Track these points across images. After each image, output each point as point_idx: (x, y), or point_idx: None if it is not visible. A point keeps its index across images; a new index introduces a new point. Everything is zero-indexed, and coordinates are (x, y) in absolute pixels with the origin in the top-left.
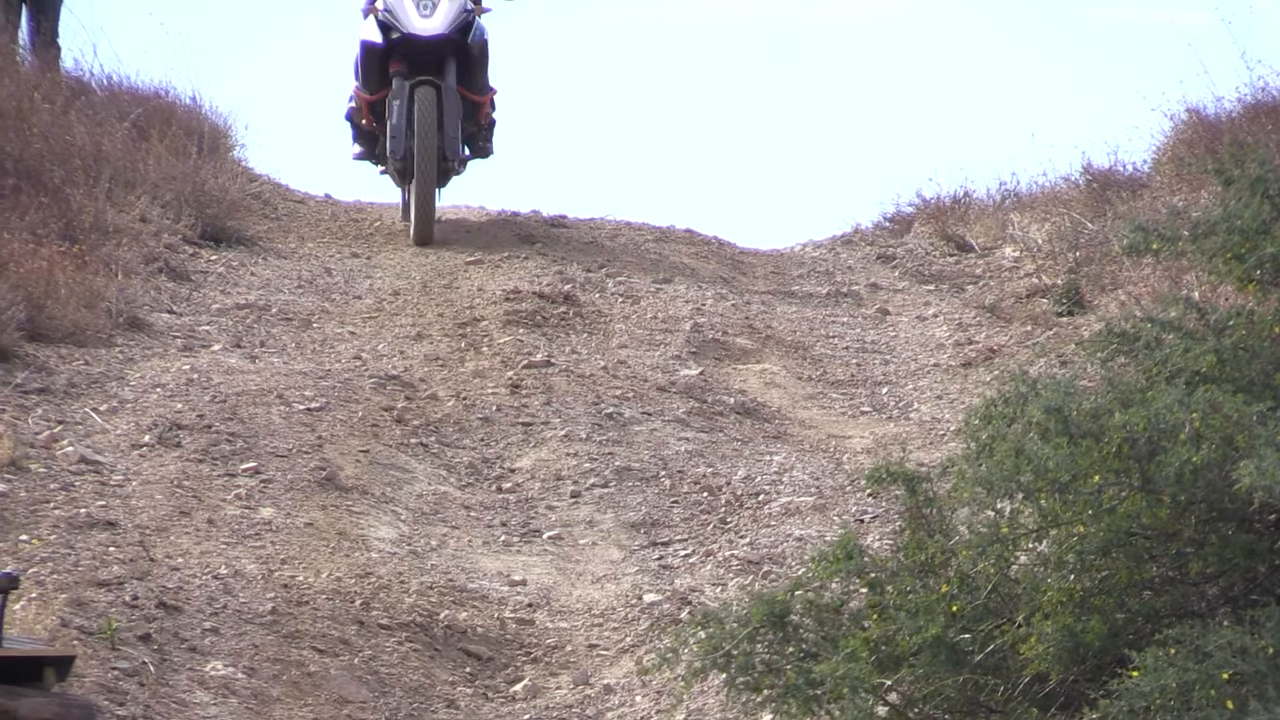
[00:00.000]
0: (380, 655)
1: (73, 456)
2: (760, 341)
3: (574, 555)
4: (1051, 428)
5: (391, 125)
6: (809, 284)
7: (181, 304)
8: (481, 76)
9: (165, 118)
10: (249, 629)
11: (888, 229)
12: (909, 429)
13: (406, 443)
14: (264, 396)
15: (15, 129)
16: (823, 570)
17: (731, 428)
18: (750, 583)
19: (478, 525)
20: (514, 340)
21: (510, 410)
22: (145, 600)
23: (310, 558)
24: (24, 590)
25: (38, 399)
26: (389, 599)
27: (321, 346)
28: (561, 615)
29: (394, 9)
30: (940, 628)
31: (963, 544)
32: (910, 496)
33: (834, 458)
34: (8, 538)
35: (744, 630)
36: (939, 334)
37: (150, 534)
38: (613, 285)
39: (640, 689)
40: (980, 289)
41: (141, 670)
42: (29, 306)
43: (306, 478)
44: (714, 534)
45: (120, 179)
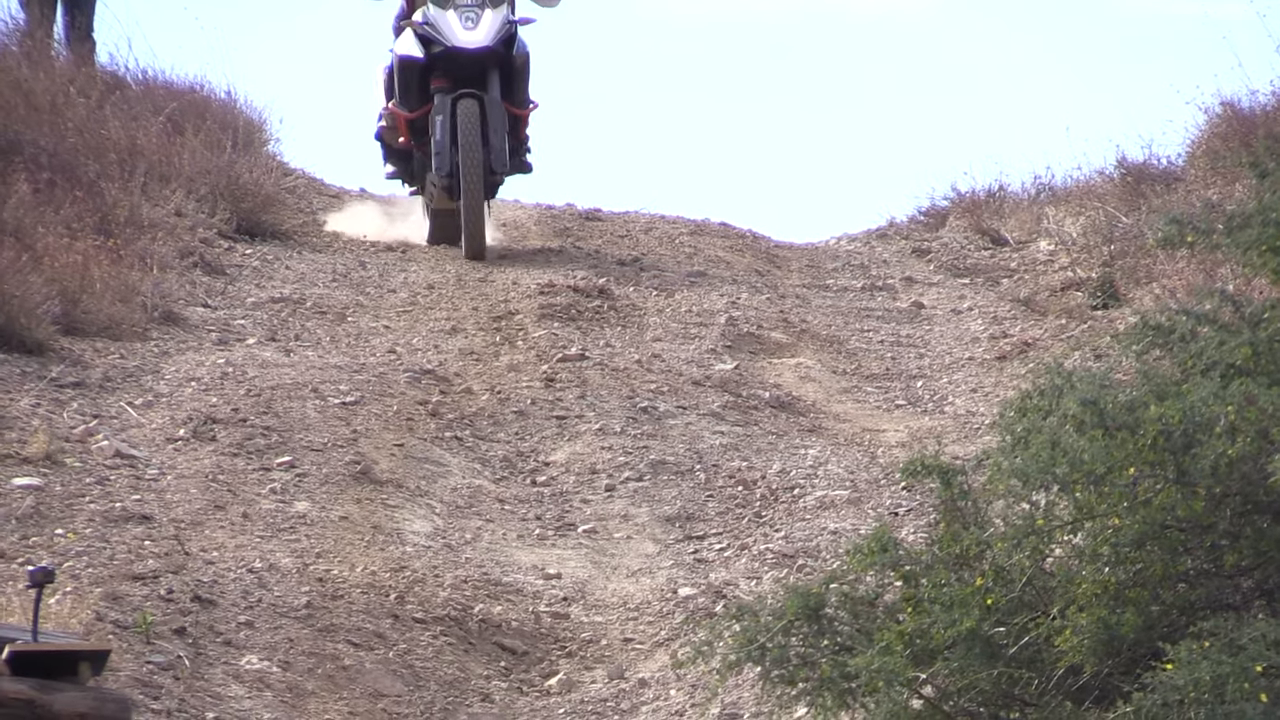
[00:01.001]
0: (415, 649)
1: (108, 450)
2: (795, 335)
3: (609, 549)
4: (1087, 420)
5: (435, 141)
6: (844, 278)
7: (216, 298)
8: (523, 90)
9: (200, 112)
10: (284, 622)
11: (923, 222)
12: (944, 422)
13: (441, 436)
14: (299, 390)
15: (50, 123)
16: (857, 563)
17: (766, 421)
18: (785, 576)
19: (512, 519)
20: (549, 334)
21: (545, 404)
22: (180, 594)
23: (345, 551)
24: (59, 584)
25: (73, 393)
26: (424, 593)
27: (356, 340)
28: (596, 609)
29: (436, 22)
30: (975, 621)
31: (997, 536)
32: (945, 489)
33: (869, 451)
34: (43, 532)
35: (779, 623)
36: (974, 327)
37: (185, 528)
38: (647, 279)
39: (675, 683)
40: (1015, 282)
41: (176, 664)
42: (64, 301)
43: (341, 471)
44: (749, 528)
45: (155, 173)
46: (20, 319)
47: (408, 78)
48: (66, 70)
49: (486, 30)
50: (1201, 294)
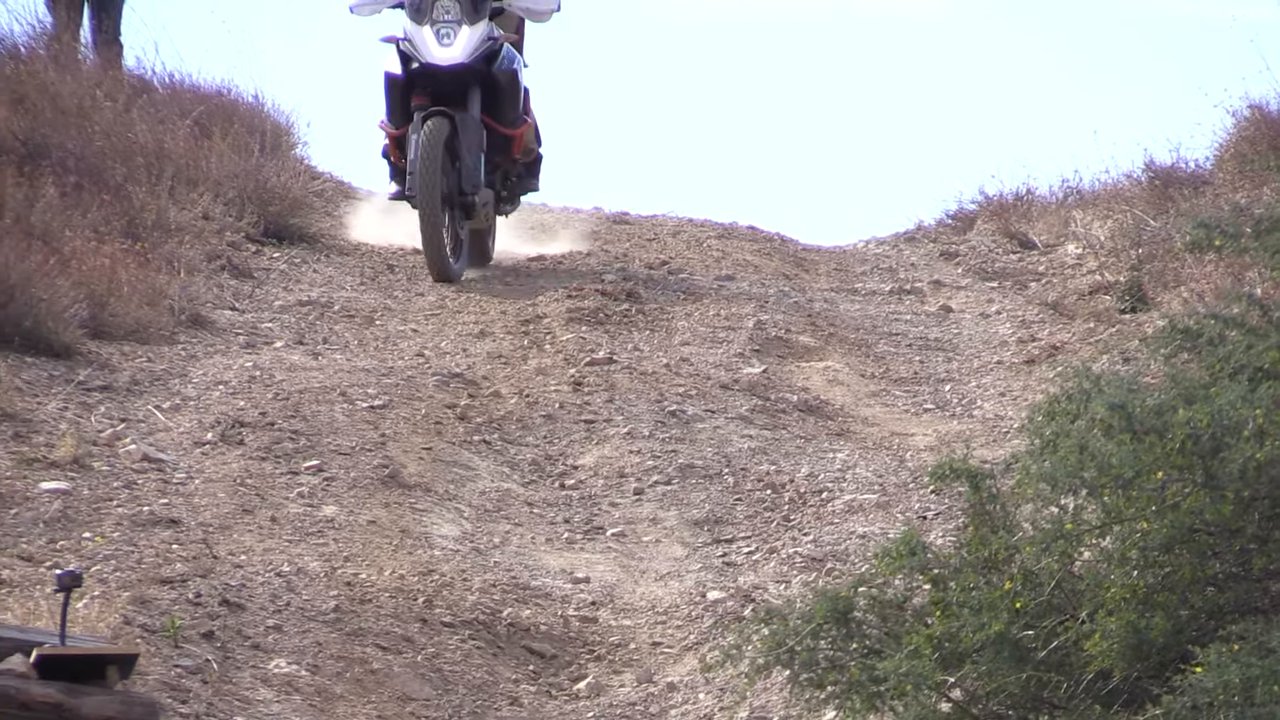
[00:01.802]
0: (443, 653)
1: (135, 454)
2: (823, 339)
3: (637, 552)
4: (1115, 424)
5: (409, 160)
6: (872, 281)
7: (244, 301)
8: (512, 108)
9: (227, 116)
10: (312, 626)
11: (951, 226)
12: (972, 426)
13: (469, 440)
14: (327, 394)
15: (78, 127)
16: (886, 567)
17: (795, 425)
18: (814, 579)
19: (541, 522)
20: (576, 337)
21: (573, 407)
22: (208, 598)
23: (373, 555)
24: (87, 588)
25: (100, 397)
26: (452, 596)
27: (384, 344)
28: (625, 613)
29: (413, 38)
30: (1003, 624)
31: (1026, 540)
32: (974, 493)
33: (897, 455)
34: (71, 535)
35: (807, 627)
36: (1002, 331)
37: (213, 531)
38: (675, 282)
39: (704, 686)
40: (1043, 286)
41: (204, 668)
42: (92, 304)
43: (369, 475)
44: (777, 531)
45: (182, 177)
46: (48, 322)
47: (392, 95)
48: (93, 74)
49: (463, 47)
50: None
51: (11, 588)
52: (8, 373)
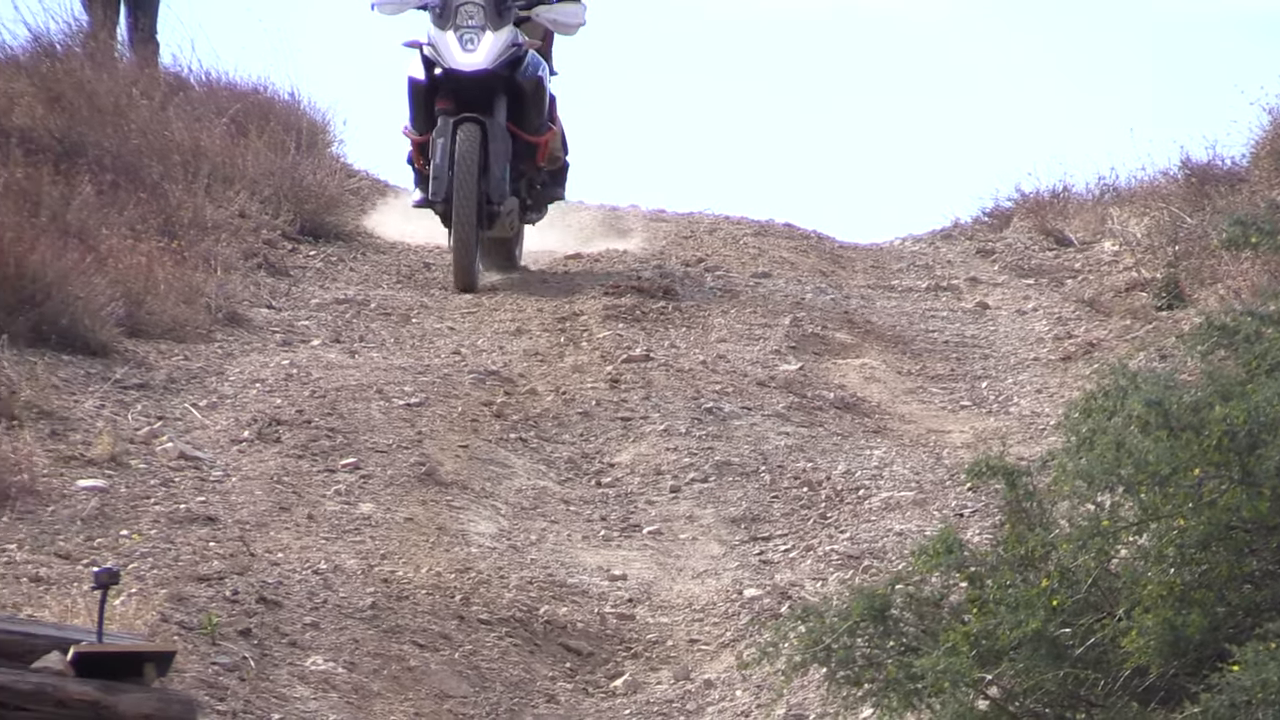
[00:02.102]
0: (480, 650)
1: (172, 452)
2: (860, 336)
3: (674, 550)
4: (1152, 421)
5: (434, 165)
6: (908, 278)
7: (280, 299)
8: (537, 115)
9: (263, 113)
10: (349, 624)
11: (987, 223)
12: (1009, 423)
13: (506, 438)
14: (363, 392)
15: (114, 125)
16: (923, 564)
17: (831, 422)
18: (850, 577)
19: (577, 520)
20: (613, 335)
21: (609, 405)
22: (245, 595)
23: (410, 553)
24: (124, 585)
25: (137, 395)
26: (489, 594)
27: (420, 341)
28: (662, 610)
29: (437, 43)
30: (1040, 622)
31: (1063, 538)
32: (1010, 490)
33: (934, 452)
34: (108, 533)
35: (844, 624)
36: (1038, 328)
37: (250, 529)
38: (711, 279)
39: (740, 683)
40: (1079, 283)
41: (242, 665)
42: (128, 302)
43: (406, 473)
44: (814, 529)
45: (219, 175)
46: (85, 321)
47: (415, 100)
48: (130, 72)
49: (487, 52)
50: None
51: (49, 585)
52: (45, 371)
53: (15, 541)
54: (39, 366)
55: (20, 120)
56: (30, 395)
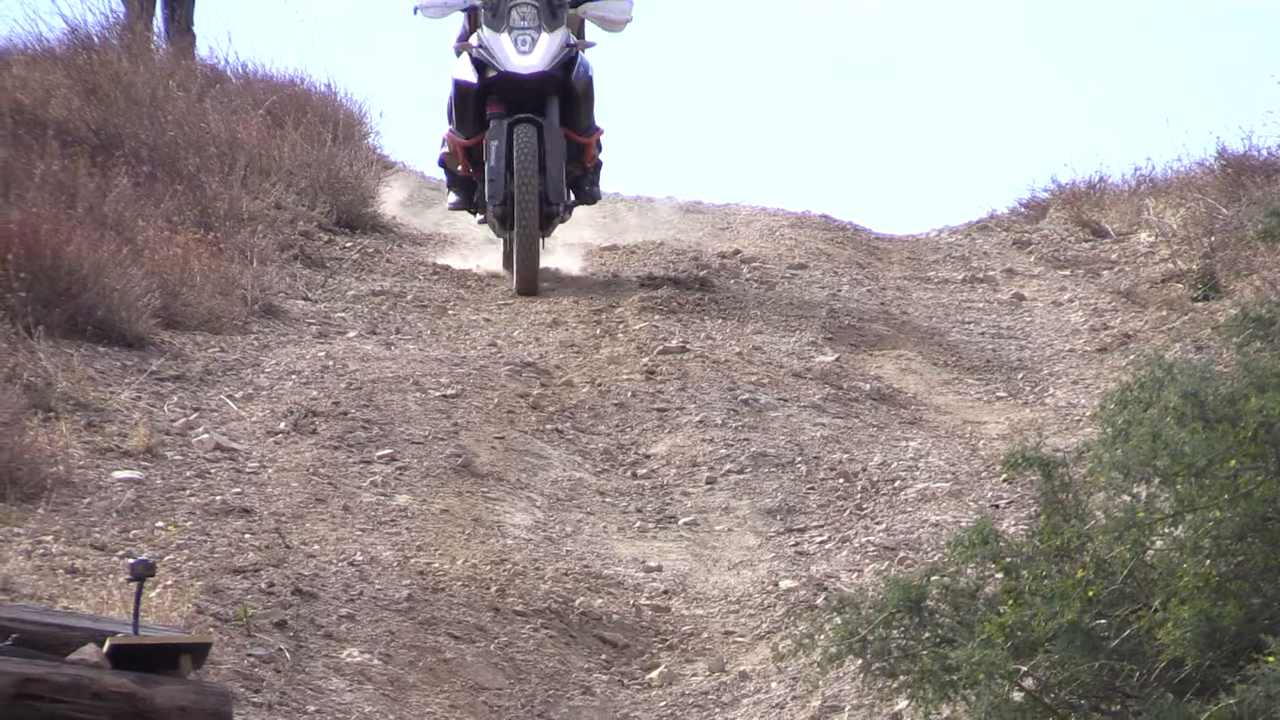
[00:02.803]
0: (516, 642)
1: (208, 444)
2: (896, 327)
3: (709, 541)
4: (1188, 412)
5: (489, 168)
6: (944, 270)
7: (316, 290)
8: (587, 117)
9: (300, 105)
10: (385, 615)
11: (1023, 215)
12: (1044, 414)
13: (542, 429)
14: (399, 383)
15: (151, 117)
16: (958, 555)
17: (867, 413)
18: (886, 568)
19: (613, 511)
20: (649, 326)
21: (645, 396)
22: (281, 587)
23: (446, 544)
24: (160, 577)
25: (173, 386)
26: (524, 585)
27: (457, 333)
28: (697, 602)
29: (490, 45)
30: (1076, 613)
31: (1098, 529)
32: (1046, 481)
33: (970, 443)
34: (144, 525)
35: (880, 616)
36: (1074, 319)
37: (286, 521)
38: (747, 271)
39: (776, 675)
40: (1115, 274)
41: (277, 657)
42: (164, 294)
43: (442, 464)
44: (850, 520)
45: (255, 166)
46: (121, 312)
47: (463, 103)
48: (166, 64)
49: (542, 54)
50: None
51: (85, 577)
52: (81, 362)
53: (51, 533)
54: (75, 358)
55: (57, 112)
56: (66, 387)
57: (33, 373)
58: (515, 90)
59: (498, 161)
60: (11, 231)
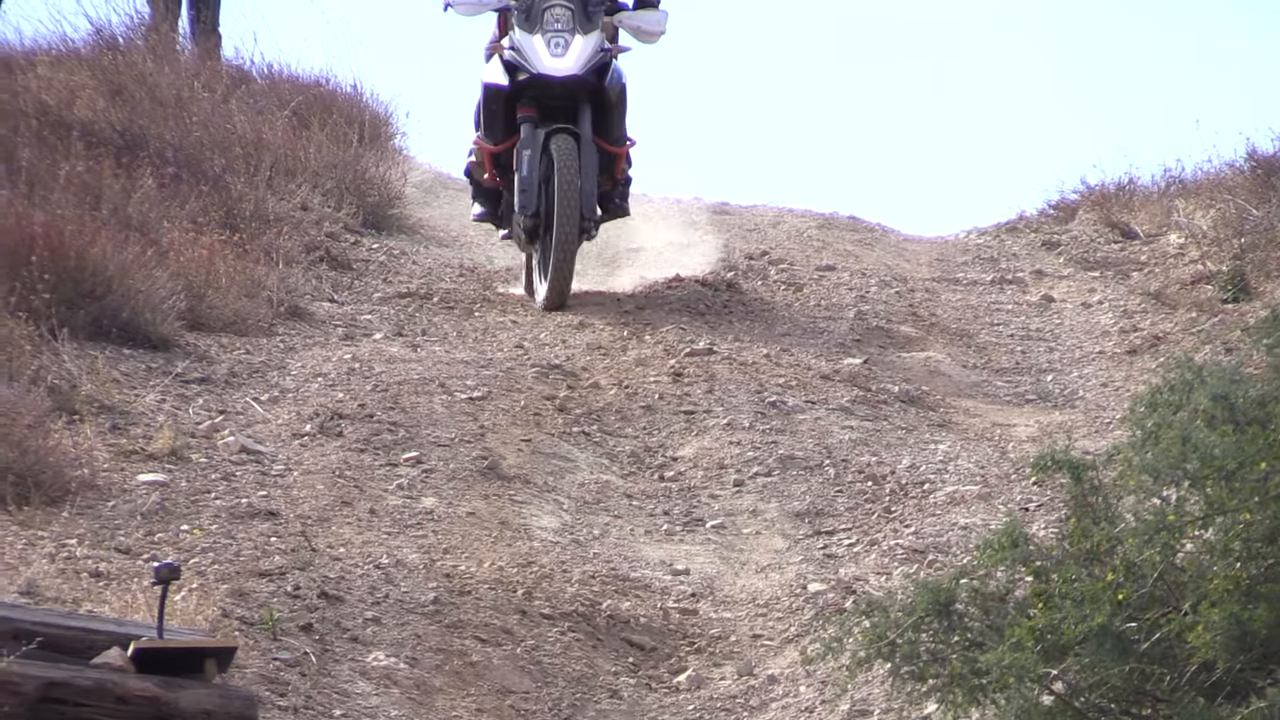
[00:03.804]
0: (542, 645)
1: (234, 446)
2: (924, 329)
3: (737, 544)
4: (1218, 415)
5: (521, 178)
6: (973, 271)
7: (343, 292)
8: (619, 126)
9: (326, 106)
10: (411, 619)
11: (1052, 216)
12: (1074, 417)
13: (569, 431)
14: (426, 385)
15: (176, 118)
16: (988, 558)
17: (896, 416)
18: (915, 571)
19: (640, 514)
20: (676, 328)
21: (672, 398)
22: (307, 590)
23: (472, 547)
24: (185, 581)
25: (198, 389)
26: (551, 588)
27: (483, 335)
28: (725, 605)
29: (521, 47)
30: (1106, 616)
31: (1128, 532)
32: (1075, 484)
33: (999, 446)
34: (169, 528)
35: (909, 619)
36: (1104, 321)
37: (312, 524)
38: (775, 272)
39: (804, 679)
40: (1145, 276)
41: (303, 661)
42: (189, 295)
43: (468, 467)
44: (878, 523)
45: (281, 167)
46: (146, 314)
47: (493, 108)
48: (191, 65)
49: (576, 57)
50: None
51: (109, 580)
52: (106, 365)
53: (75, 536)
54: (100, 360)
55: (82, 113)
56: (91, 389)
57: (57, 375)
58: (547, 94)
59: (530, 171)
60: (36, 233)
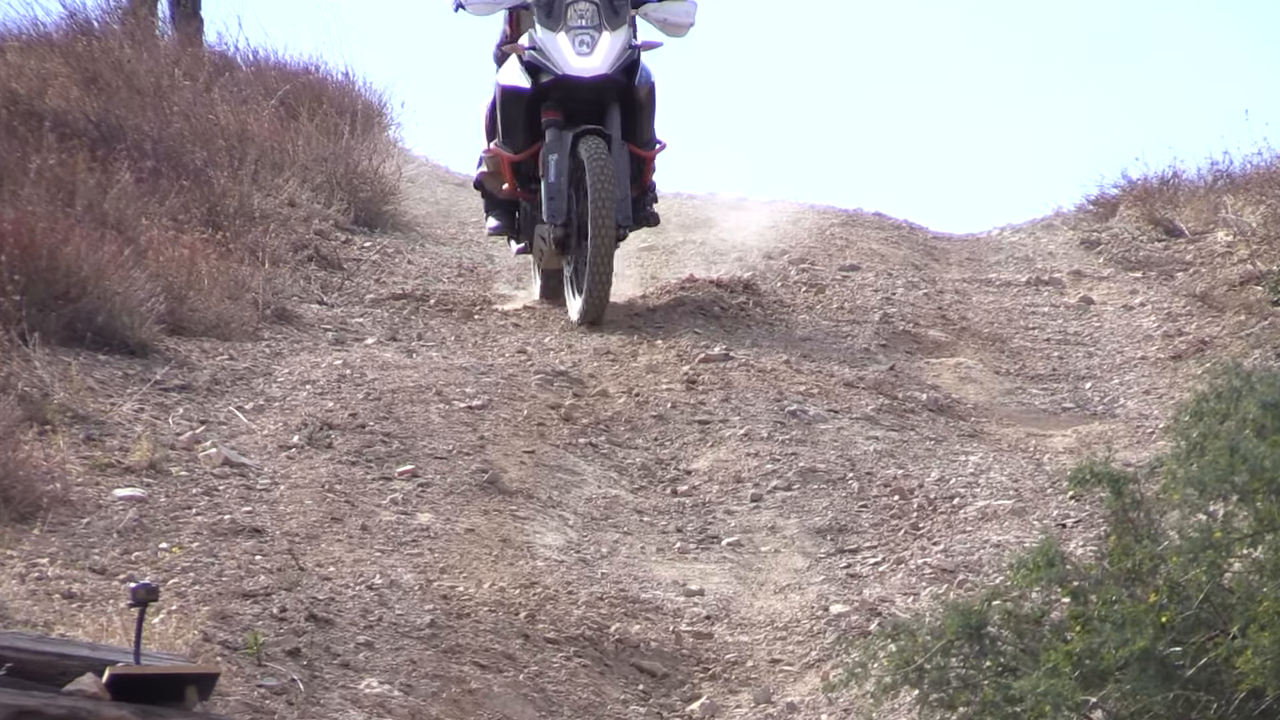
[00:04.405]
0: (547, 671)
1: (216, 459)
2: (955, 333)
3: (755, 563)
4: (1268, 424)
5: (549, 184)
6: (1007, 271)
7: (333, 294)
8: (648, 128)
9: (315, 95)
10: (406, 643)
11: (1091, 212)
12: (1114, 427)
13: (575, 443)
14: (422, 394)
15: (154, 108)
16: (1022, 578)
17: (924, 426)
18: (944, 592)
19: (651, 531)
20: (690, 332)
21: (686, 407)
22: (294, 613)
23: (471, 567)
24: (164, 602)
25: (178, 397)
26: (556, 611)
27: (483, 339)
28: (741, 628)
29: (545, 46)
30: (1148, 640)
31: (1172, 550)
32: (1116, 499)
33: (1034, 458)
34: (147, 546)
35: (937, 643)
36: (1146, 324)
37: (299, 541)
38: (795, 272)
39: (826, 707)
40: (1190, 276)
41: (290, 688)
42: (169, 298)
43: (467, 481)
44: (905, 540)
45: (267, 161)
46: (122, 317)
47: (513, 112)
48: (171, 51)
49: (604, 56)
50: None
51: (83, 602)
52: (79, 372)
53: (47, 555)
54: (73, 367)
55: (54, 102)
56: (64, 398)
57: (28, 383)
58: (573, 97)
59: (558, 177)
60: (5, 231)
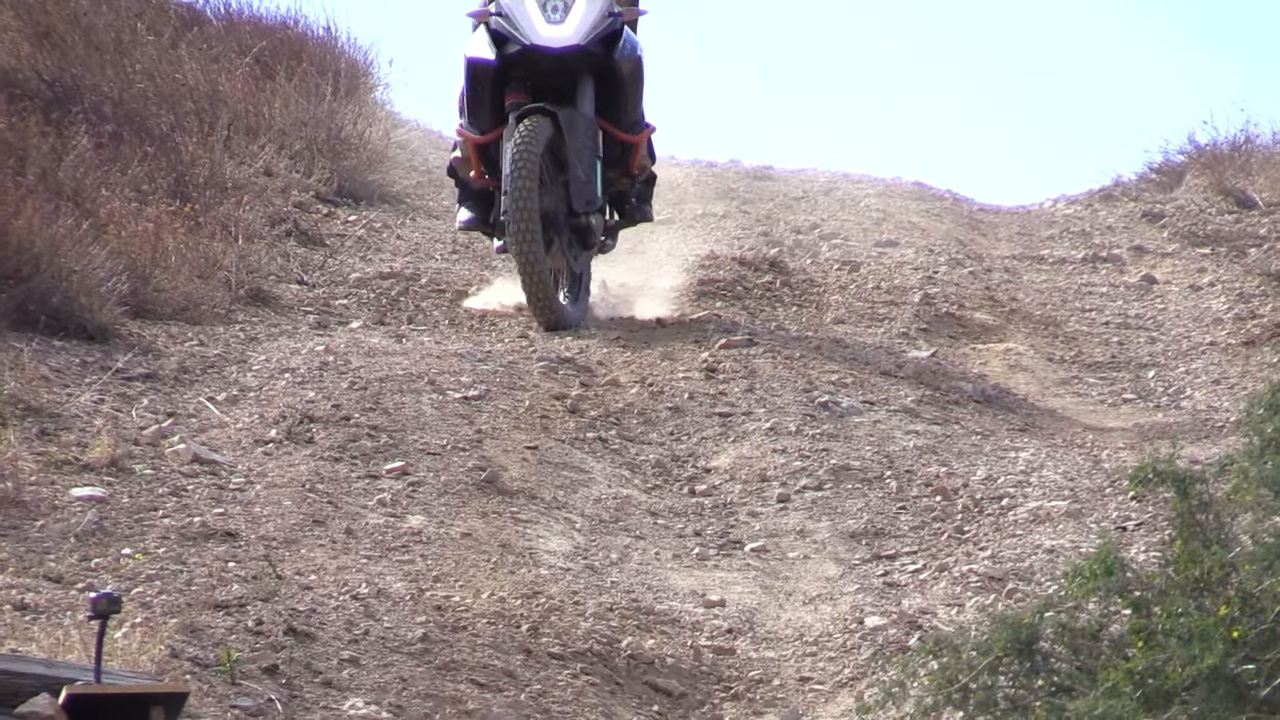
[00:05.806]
0: (551, 690)
1: (185, 455)
2: (1003, 316)
3: (782, 571)
4: None
5: (504, 176)
6: (1061, 247)
7: (314, 273)
8: (634, 108)
9: (293, 53)
10: (395, 659)
11: (1154, 182)
12: (1180, 419)
13: (582, 437)
14: (412, 383)
15: (115, 66)
16: (1078, 588)
17: (969, 419)
18: (991, 603)
19: (667, 535)
20: (710, 314)
21: (705, 398)
22: (271, 625)
23: (468, 575)
24: (127, 614)
25: (143, 387)
26: (561, 623)
27: (481, 323)
28: (767, 643)
29: (512, 11)
30: (1218, 657)
31: (1245, 557)
32: (1181, 500)
33: (1091, 454)
34: (108, 551)
35: (984, 660)
36: (1216, 306)
37: (277, 547)
38: (827, 249)
39: None
40: (1265, 253)
41: (267, 709)
42: (133, 277)
43: (463, 479)
44: (948, 545)
45: (240, 125)
46: (80, 299)
47: (478, 88)
48: (133, 3)
49: (577, 23)
50: None
51: (37, 614)
52: (32, 359)
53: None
54: (25, 353)
55: (3, 60)
56: (15, 388)
57: None
58: (541, 70)
59: (511, 168)
60: None
